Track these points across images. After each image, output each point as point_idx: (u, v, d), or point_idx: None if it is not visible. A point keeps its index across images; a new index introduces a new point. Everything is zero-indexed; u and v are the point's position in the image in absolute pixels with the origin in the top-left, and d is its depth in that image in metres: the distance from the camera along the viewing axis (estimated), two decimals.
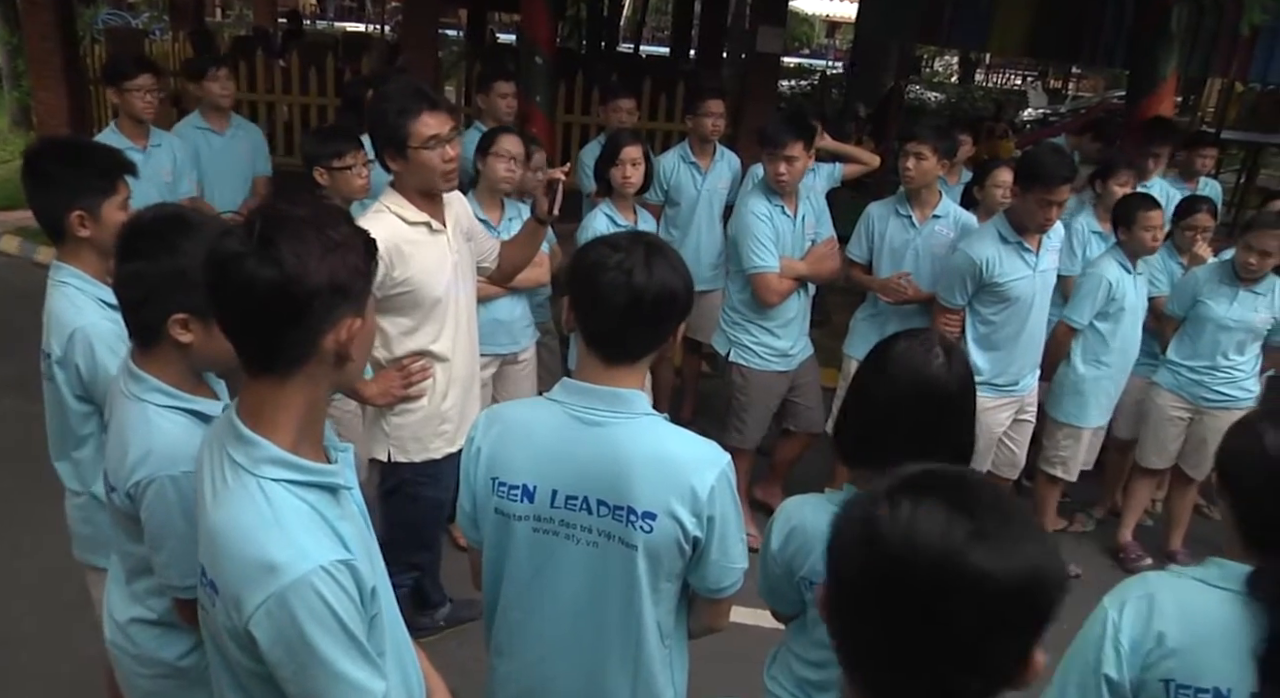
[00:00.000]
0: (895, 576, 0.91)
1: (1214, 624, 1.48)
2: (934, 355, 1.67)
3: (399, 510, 2.99)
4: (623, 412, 1.66)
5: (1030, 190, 3.50)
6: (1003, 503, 0.95)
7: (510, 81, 4.87)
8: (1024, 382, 3.84)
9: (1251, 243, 3.94)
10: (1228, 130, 12.12)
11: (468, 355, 2.95)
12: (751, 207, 3.76)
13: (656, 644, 1.75)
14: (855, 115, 10.04)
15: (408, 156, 2.61)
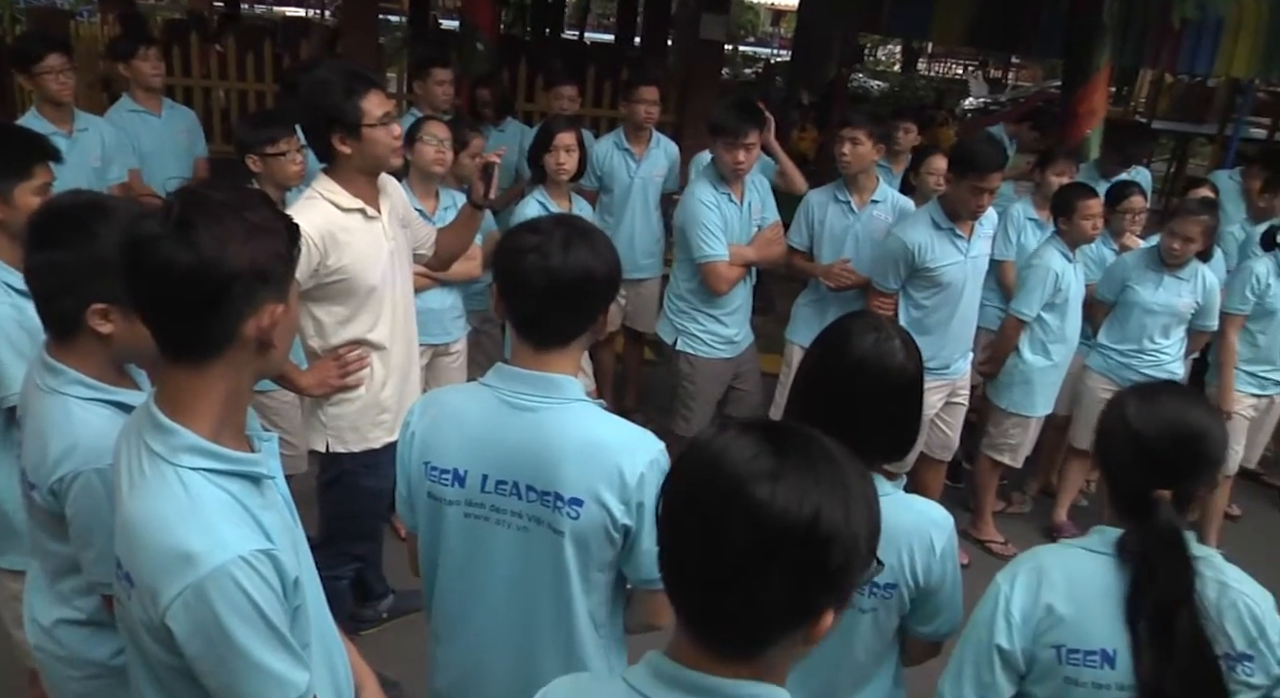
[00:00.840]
0: (694, 490, 1.00)
1: (1097, 589, 1.57)
2: (895, 346, 1.69)
3: (339, 502, 2.96)
4: (553, 397, 1.66)
5: (963, 177, 3.57)
6: (819, 458, 0.99)
7: (447, 68, 4.82)
8: (955, 365, 3.91)
9: (1175, 229, 4.05)
10: (1158, 121, 12.43)
11: (406, 344, 2.92)
12: (699, 195, 3.77)
13: (590, 633, 1.74)
14: (799, 103, 10.10)
15: (361, 136, 2.57)
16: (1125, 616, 1.54)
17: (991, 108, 16.73)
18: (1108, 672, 1.54)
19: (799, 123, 9.31)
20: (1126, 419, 1.61)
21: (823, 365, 1.75)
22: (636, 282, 4.81)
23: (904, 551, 1.69)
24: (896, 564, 1.69)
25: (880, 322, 1.75)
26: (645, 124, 4.74)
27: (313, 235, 2.52)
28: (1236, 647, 1.54)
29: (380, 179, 2.77)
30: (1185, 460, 1.57)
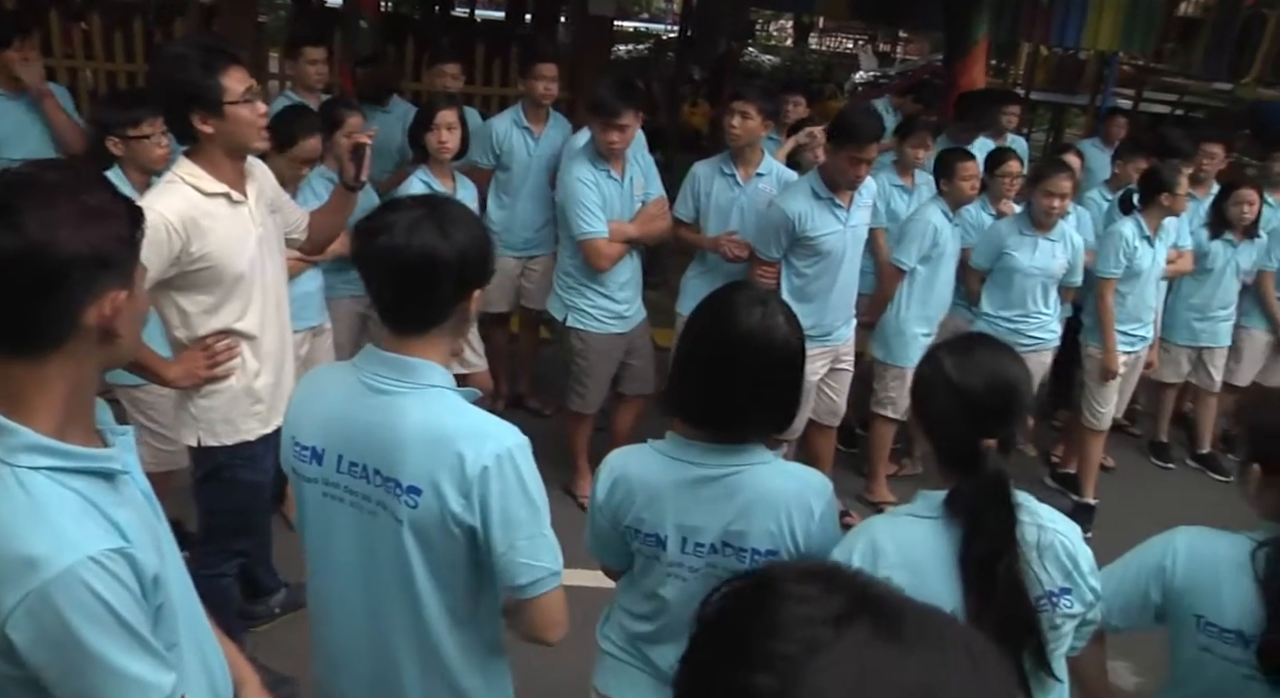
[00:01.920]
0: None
1: (928, 553, 1.61)
2: (779, 321, 1.70)
3: (217, 496, 2.86)
4: (408, 381, 1.62)
5: (841, 148, 3.64)
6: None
7: (321, 47, 4.68)
8: (838, 332, 4.00)
9: (1048, 189, 4.21)
10: (1036, 92, 12.90)
11: (278, 332, 2.83)
12: (576, 173, 3.77)
13: (447, 629, 1.68)
14: (690, 79, 10.14)
15: (223, 114, 2.45)
16: (957, 572, 1.58)
17: (881, 81, 17.07)
18: None
19: (690, 97, 9.37)
20: (946, 374, 1.63)
21: (707, 339, 1.74)
22: (533, 259, 4.79)
23: (784, 517, 1.72)
24: (777, 531, 1.71)
25: (764, 295, 1.75)
26: (544, 101, 4.70)
27: (173, 221, 2.42)
28: (1058, 583, 1.63)
29: (247, 162, 2.68)
30: (1005, 409, 1.62)
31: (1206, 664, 1.70)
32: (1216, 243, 4.98)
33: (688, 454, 1.75)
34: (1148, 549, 1.81)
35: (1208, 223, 5.00)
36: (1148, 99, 12.56)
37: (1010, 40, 10.18)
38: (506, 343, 5.11)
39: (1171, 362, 5.24)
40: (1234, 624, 1.65)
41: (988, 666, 0.69)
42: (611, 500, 1.81)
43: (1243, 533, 1.73)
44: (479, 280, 1.68)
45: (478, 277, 1.67)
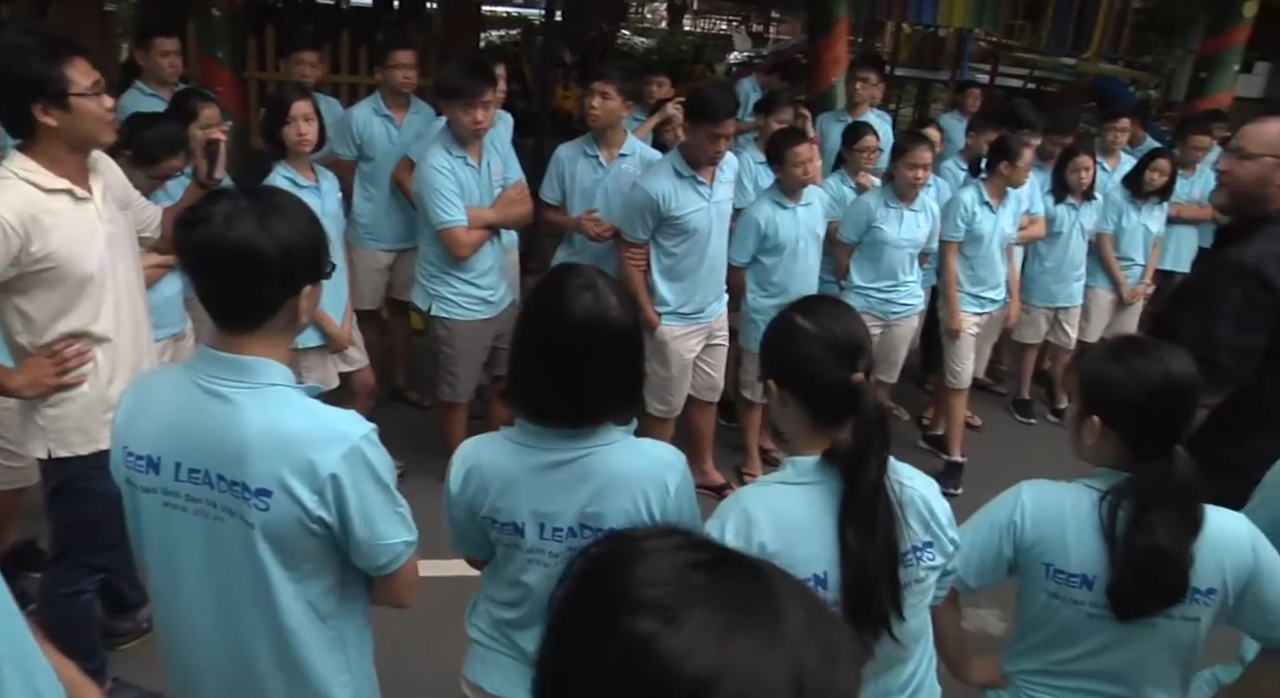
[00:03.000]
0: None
1: (801, 519, 1.63)
2: (612, 301, 1.68)
3: (70, 510, 2.72)
4: (245, 382, 1.57)
5: (699, 126, 3.68)
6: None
7: (173, 37, 4.50)
8: (710, 309, 4.05)
9: (910, 161, 4.35)
10: (901, 68, 13.33)
11: (134, 335, 2.72)
12: (431, 161, 3.71)
13: (308, 626, 1.66)
14: (561, 62, 10.11)
15: (68, 106, 2.32)
16: (834, 533, 1.61)
17: (755, 61, 17.35)
18: (822, 594, 1.61)
19: (562, 81, 9.35)
20: (805, 329, 1.66)
21: (538, 326, 1.73)
22: (401, 252, 4.70)
23: (639, 495, 1.73)
24: (633, 509, 1.72)
25: (593, 277, 1.73)
26: (403, 90, 4.61)
27: (10, 220, 2.29)
28: (920, 538, 1.69)
29: (93, 156, 2.56)
30: (862, 347, 1.67)
31: (1056, 609, 1.80)
32: (1061, 207, 5.26)
33: (538, 440, 1.74)
34: (996, 508, 1.88)
35: (1050, 189, 5.28)
36: (1003, 74, 13.13)
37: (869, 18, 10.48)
38: (380, 338, 5.01)
39: (1031, 323, 5.52)
40: (1079, 569, 1.75)
41: (827, 612, 0.78)
42: (466, 491, 1.79)
43: (1080, 481, 1.83)
44: (309, 276, 1.61)
45: (307, 272, 1.60)
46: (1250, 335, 2.40)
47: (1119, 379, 1.76)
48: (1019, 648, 1.92)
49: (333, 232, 3.72)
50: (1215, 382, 2.40)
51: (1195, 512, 1.72)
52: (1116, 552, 1.71)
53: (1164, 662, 1.78)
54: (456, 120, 3.69)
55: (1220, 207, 2.74)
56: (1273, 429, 2.42)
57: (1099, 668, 1.80)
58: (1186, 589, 1.69)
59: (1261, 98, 16.50)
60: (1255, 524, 1.81)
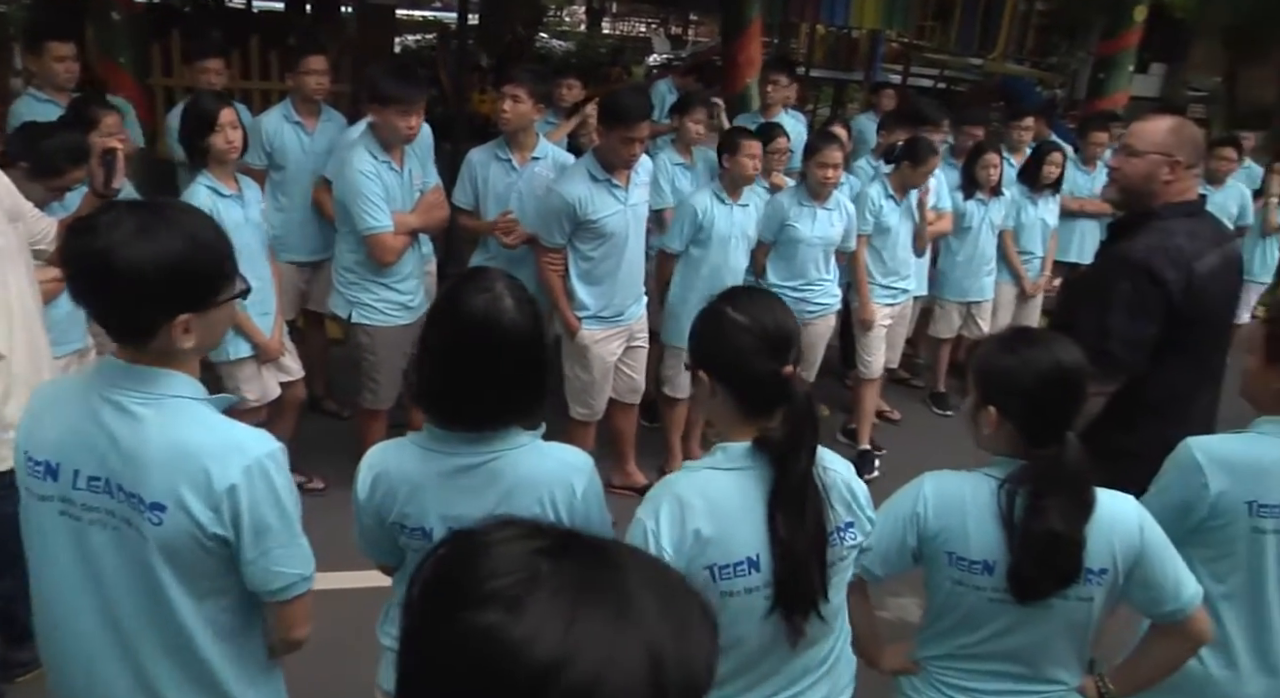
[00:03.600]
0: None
1: (733, 503, 1.67)
2: (507, 305, 1.67)
3: None
4: (148, 393, 1.53)
5: (613, 129, 3.70)
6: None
7: (68, 41, 4.35)
8: (629, 311, 4.07)
9: (820, 160, 4.43)
10: (816, 69, 13.54)
11: (30, 352, 2.63)
12: (357, 165, 3.66)
13: (211, 643, 1.61)
14: (477, 66, 10.04)
15: None
16: (766, 516, 1.65)
17: (675, 63, 17.46)
18: (755, 576, 1.67)
19: (479, 85, 9.29)
20: (735, 320, 1.70)
21: (438, 329, 1.72)
22: (316, 263, 4.62)
23: (546, 498, 1.73)
24: (540, 512, 1.72)
25: (490, 281, 1.71)
26: (315, 96, 4.53)
27: None
28: (843, 519, 1.75)
29: None
30: (790, 341, 1.71)
31: (960, 595, 1.85)
32: (970, 203, 5.42)
33: (445, 445, 1.73)
34: (900, 499, 1.93)
35: (960, 185, 5.43)
36: (914, 74, 13.44)
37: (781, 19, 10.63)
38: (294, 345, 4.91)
39: (945, 317, 5.67)
40: (980, 556, 1.80)
41: (679, 586, 0.79)
42: (373, 498, 1.77)
43: (979, 470, 1.89)
44: (185, 304, 1.51)
45: (181, 299, 1.50)
46: (1141, 326, 2.50)
47: (1012, 369, 1.82)
48: (928, 634, 1.97)
49: (255, 241, 3.68)
50: (1110, 371, 2.50)
51: (1087, 496, 1.79)
52: (1015, 537, 1.76)
53: (1062, 642, 1.84)
54: (391, 126, 3.65)
55: (1112, 201, 2.85)
56: (1163, 417, 2.53)
57: (1003, 650, 1.85)
58: (1080, 571, 1.75)
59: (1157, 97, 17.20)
60: (1149, 510, 1.88)
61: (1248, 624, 2.04)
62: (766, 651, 1.75)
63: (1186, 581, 1.80)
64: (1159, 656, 1.89)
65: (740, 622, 1.70)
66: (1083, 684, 1.92)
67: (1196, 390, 2.66)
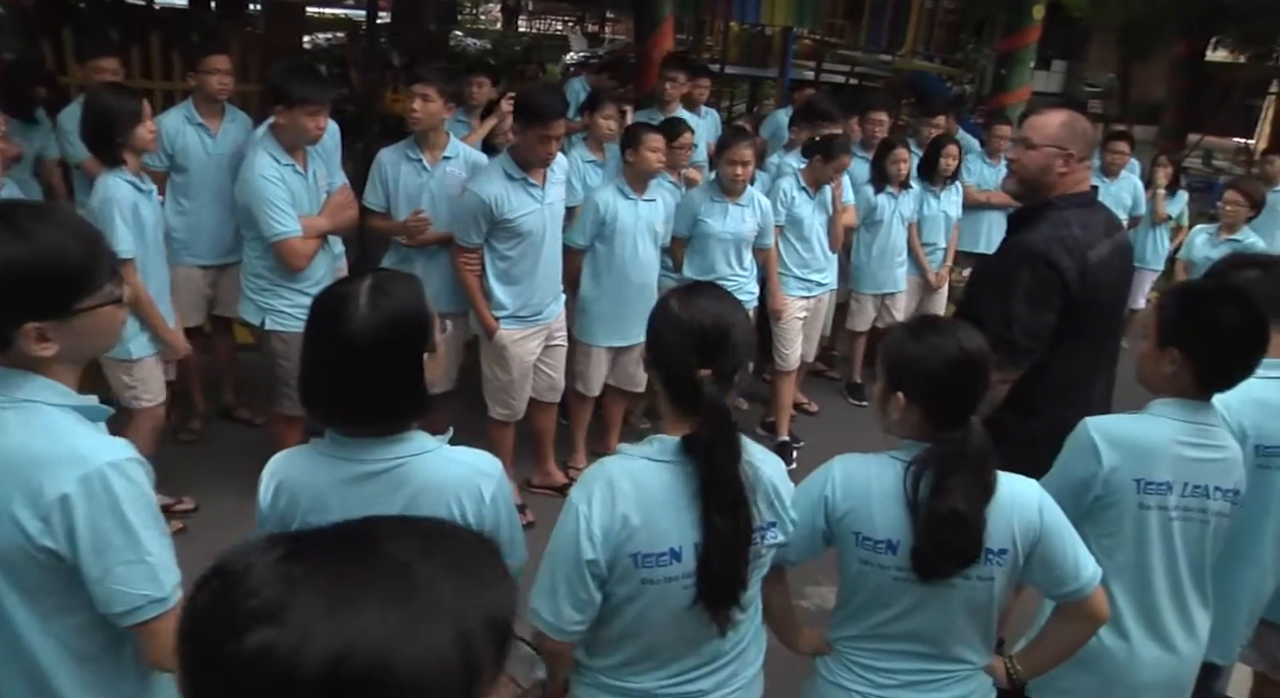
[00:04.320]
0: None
1: (660, 495, 1.71)
2: (355, 310, 1.61)
3: None
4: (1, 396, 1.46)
5: (529, 127, 3.67)
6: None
7: None
8: (548, 310, 4.05)
9: (732, 158, 4.47)
10: (731, 66, 13.68)
11: None
12: (260, 170, 3.57)
13: (70, 669, 1.51)
14: (389, 65, 9.90)
15: None
16: (698, 512, 1.69)
17: (592, 61, 17.46)
18: (675, 566, 1.72)
19: (391, 84, 9.15)
20: (675, 315, 1.74)
21: (315, 328, 1.68)
22: (222, 268, 4.50)
23: (453, 504, 1.71)
24: (448, 516, 1.70)
25: (368, 278, 1.67)
26: (218, 96, 4.40)
27: None
28: (766, 518, 1.78)
29: None
30: (721, 342, 1.73)
31: (867, 575, 1.89)
32: (881, 197, 5.54)
33: (348, 451, 1.70)
34: (810, 483, 1.97)
35: (871, 179, 5.54)
36: (827, 70, 13.68)
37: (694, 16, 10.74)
38: (201, 355, 4.77)
39: (860, 310, 5.78)
40: (884, 535, 1.85)
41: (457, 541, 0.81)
42: (277, 506, 1.74)
43: (886, 453, 1.94)
44: (39, 312, 1.42)
45: (34, 308, 1.42)
46: (1041, 314, 2.59)
47: (918, 356, 1.86)
48: (840, 616, 2.01)
49: (159, 239, 3.61)
50: (1013, 358, 2.58)
51: (989, 477, 1.84)
52: (919, 517, 1.81)
53: (967, 622, 1.90)
54: (298, 127, 3.57)
55: (1011, 193, 2.94)
56: (1064, 401, 2.62)
57: (910, 630, 1.90)
58: (981, 550, 1.81)
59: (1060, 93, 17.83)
60: (1050, 488, 1.95)
61: (1136, 597, 2.13)
62: (679, 637, 1.79)
63: (1086, 561, 1.87)
64: (1062, 635, 1.96)
65: (654, 608, 1.74)
66: (991, 665, 1.98)
67: (1094, 375, 2.77)
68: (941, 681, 1.93)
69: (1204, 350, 2.07)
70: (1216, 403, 2.18)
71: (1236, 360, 2.09)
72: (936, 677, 1.93)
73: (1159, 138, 13.98)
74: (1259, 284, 2.34)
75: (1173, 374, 2.10)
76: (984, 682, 1.98)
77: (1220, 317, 2.06)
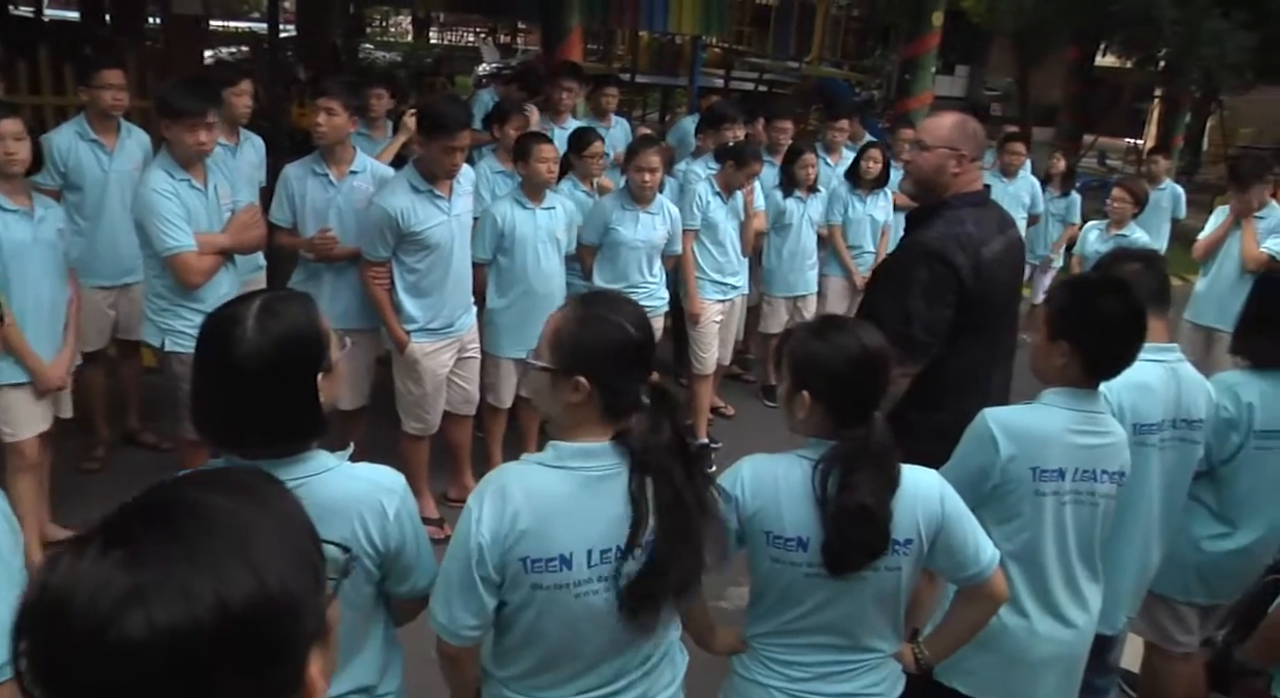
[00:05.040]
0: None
1: (557, 501, 1.69)
2: (242, 332, 1.58)
3: None
4: None
5: (433, 139, 3.65)
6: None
7: None
8: (459, 322, 4.02)
9: (640, 164, 4.51)
10: (642, 75, 13.79)
11: None
12: (153, 184, 3.47)
13: None
14: (295, 79, 9.73)
15: None
16: (631, 517, 1.67)
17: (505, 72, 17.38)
18: (566, 573, 1.70)
19: (298, 98, 8.98)
20: (618, 326, 1.72)
21: (197, 365, 1.65)
22: (125, 287, 4.36)
23: (356, 522, 1.69)
24: (352, 537, 1.67)
25: (239, 310, 1.62)
26: (113, 112, 4.26)
27: None
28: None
29: None
30: (653, 346, 1.77)
31: (779, 572, 1.92)
32: (789, 201, 5.64)
33: None
34: (719, 485, 1.96)
35: (779, 184, 5.65)
36: (737, 78, 13.88)
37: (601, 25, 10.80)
38: (105, 380, 4.61)
39: (774, 313, 5.87)
40: (794, 533, 1.88)
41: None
42: None
43: (793, 452, 1.97)
44: None
45: None
46: (937, 310, 2.67)
47: (822, 354, 1.91)
48: (754, 613, 2.04)
49: (49, 261, 3.49)
50: (913, 354, 2.66)
51: (893, 471, 1.89)
52: (828, 513, 1.85)
53: (876, 612, 1.95)
54: (179, 141, 3.49)
55: (908, 193, 3.03)
56: (964, 394, 2.70)
57: (822, 623, 1.94)
58: (888, 542, 1.86)
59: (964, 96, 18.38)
60: (950, 477, 2.01)
61: (1032, 578, 2.22)
62: (578, 649, 1.78)
63: (985, 545, 1.94)
64: (966, 617, 2.02)
65: (547, 617, 1.73)
66: (900, 652, 2.03)
67: (992, 368, 2.87)
68: (854, 670, 1.97)
69: (1091, 342, 2.17)
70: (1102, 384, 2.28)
71: (1121, 350, 2.19)
72: (849, 667, 1.97)
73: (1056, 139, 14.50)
74: (1139, 277, 2.46)
75: (1063, 366, 2.19)
76: (894, 669, 2.03)
77: (1104, 309, 2.16)
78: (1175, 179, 8.39)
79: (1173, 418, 2.51)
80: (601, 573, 1.71)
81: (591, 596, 1.72)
